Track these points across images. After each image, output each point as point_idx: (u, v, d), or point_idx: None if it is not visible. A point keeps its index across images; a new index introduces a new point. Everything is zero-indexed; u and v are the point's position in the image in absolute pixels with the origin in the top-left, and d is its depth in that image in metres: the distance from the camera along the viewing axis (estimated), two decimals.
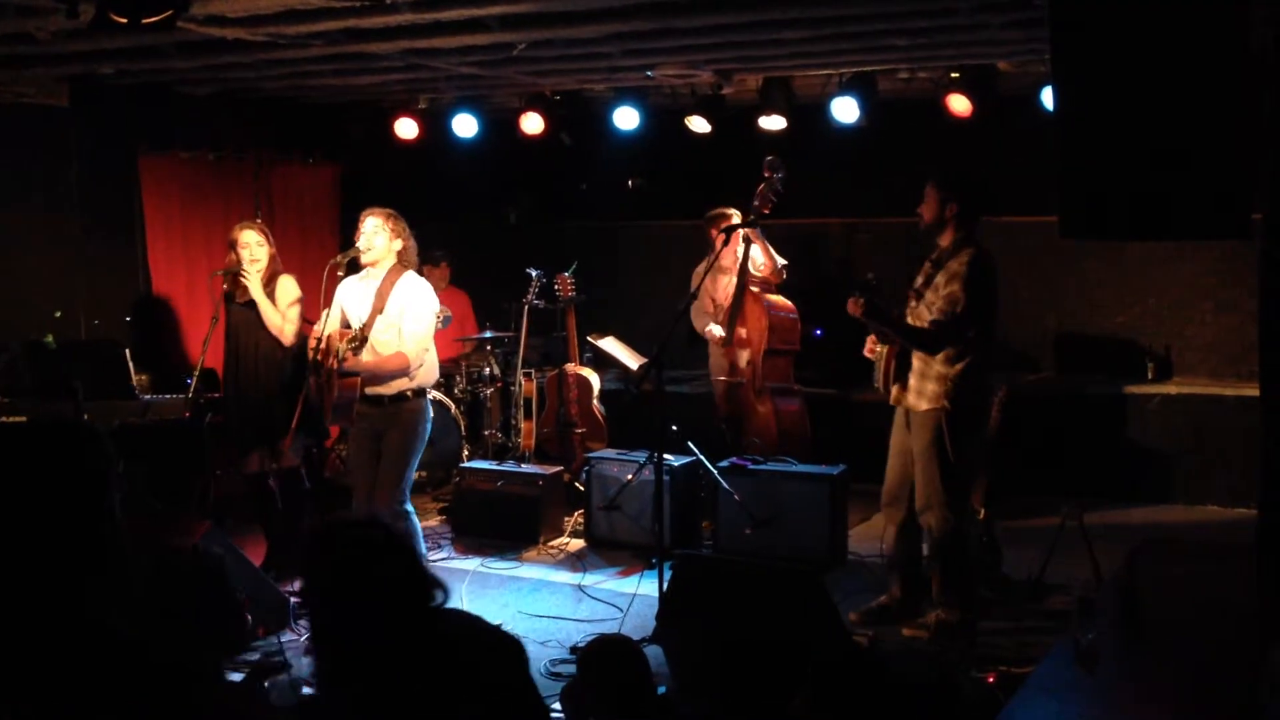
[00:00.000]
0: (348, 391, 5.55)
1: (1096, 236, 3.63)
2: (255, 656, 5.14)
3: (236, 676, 4.89)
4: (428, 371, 5.76)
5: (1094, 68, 3.15)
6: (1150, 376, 8.11)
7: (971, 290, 5.13)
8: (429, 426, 5.80)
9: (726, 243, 6.63)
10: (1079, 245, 7.87)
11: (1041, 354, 8.62)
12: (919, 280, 5.37)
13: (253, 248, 6.05)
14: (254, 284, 6.02)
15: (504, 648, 2.52)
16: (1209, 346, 8.13)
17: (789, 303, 7.11)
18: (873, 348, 5.53)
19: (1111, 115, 3.12)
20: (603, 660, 3.61)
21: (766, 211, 6.82)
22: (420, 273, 5.85)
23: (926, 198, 5.31)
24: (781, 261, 7.10)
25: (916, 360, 5.28)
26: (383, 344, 5.58)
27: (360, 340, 5.40)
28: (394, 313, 5.59)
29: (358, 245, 5.67)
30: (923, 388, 5.26)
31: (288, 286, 6.16)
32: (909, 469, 5.40)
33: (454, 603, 2.53)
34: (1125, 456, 7.85)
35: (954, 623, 5.27)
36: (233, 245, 6.11)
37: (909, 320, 5.34)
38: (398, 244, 5.67)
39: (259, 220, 6.79)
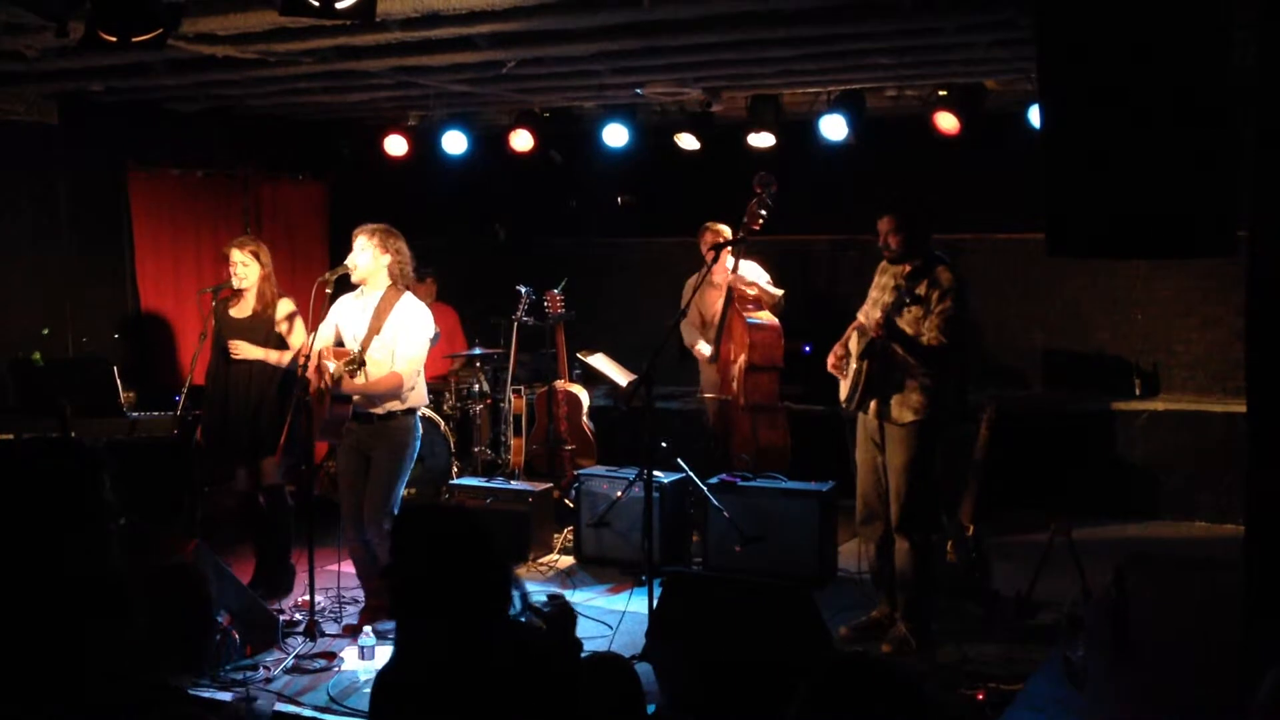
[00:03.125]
0: (340, 410, 5.54)
1: (1083, 254, 3.65)
2: (241, 675, 5.12)
3: (225, 696, 4.89)
4: (418, 394, 5.76)
5: (1080, 86, 3.18)
6: (1137, 393, 8.15)
7: (960, 305, 5.25)
8: (418, 445, 5.79)
9: (716, 259, 6.66)
10: (1066, 262, 7.91)
11: (1029, 370, 8.65)
12: (887, 297, 5.38)
13: (238, 266, 6.05)
14: (249, 350, 6.04)
15: (570, 675, 2.61)
16: (1195, 363, 8.17)
17: (774, 320, 7.11)
18: (837, 362, 5.55)
19: (1098, 133, 3.15)
20: (594, 678, 3.59)
21: (756, 228, 6.84)
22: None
23: (891, 229, 5.33)
24: (778, 291, 7.16)
25: (903, 374, 5.30)
26: (376, 364, 5.56)
27: (358, 364, 5.40)
28: (389, 334, 5.59)
29: (346, 263, 5.68)
30: (907, 399, 5.29)
31: (284, 306, 6.17)
32: (882, 484, 5.42)
33: None
34: (1113, 472, 7.88)
35: (914, 631, 5.36)
36: (226, 260, 6.12)
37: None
38: (386, 259, 5.65)
39: (251, 234, 6.75)
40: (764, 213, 6.81)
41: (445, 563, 2.47)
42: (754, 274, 7.20)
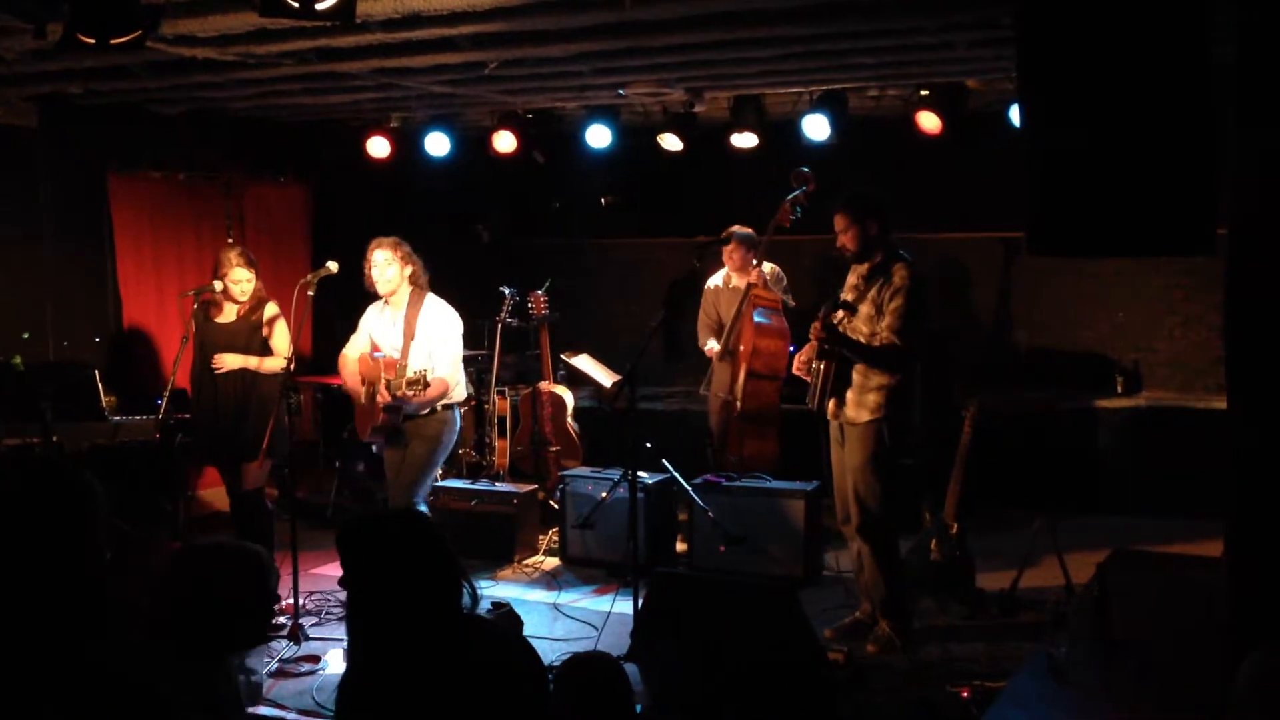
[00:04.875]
0: (392, 417, 5.83)
1: (1065, 253, 3.67)
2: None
3: None
4: (459, 389, 6.04)
5: (1060, 85, 3.19)
6: (1119, 390, 8.18)
7: (915, 303, 5.21)
8: (455, 437, 6.09)
9: (702, 256, 6.66)
10: (1048, 261, 7.94)
11: (1012, 368, 8.67)
12: (849, 295, 5.41)
13: (243, 284, 6.04)
14: (233, 361, 6.03)
15: (530, 662, 2.60)
16: (1176, 360, 8.21)
17: (784, 328, 7.06)
18: (804, 365, 5.55)
19: (1078, 132, 3.15)
20: (584, 678, 3.57)
21: (786, 225, 6.84)
22: None
23: (844, 228, 5.33)
24: (791, 301, 7.29)
25: (857, 374, 5.32)
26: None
27: (423, 384, 5.60)
28: (424, 338, 5.85)
29: (373, 279, 5.85)
30: (863, 399, 5.30)
31: (270, 309, 6.15)
32: None
33: None
34: (1096, 470, 7.90)
35: (897, 629, 5.36)
36: (221, 278, 6.02)
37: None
38: (409, 270, 5.91)
39: (243, 249, 6.69)
40: (796, 211, 6.75)
41: (393, 566, 2.48)
42: (773, 275, 7.25)
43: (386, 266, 5.85)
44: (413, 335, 5.87)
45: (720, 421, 7.25)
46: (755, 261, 7.10)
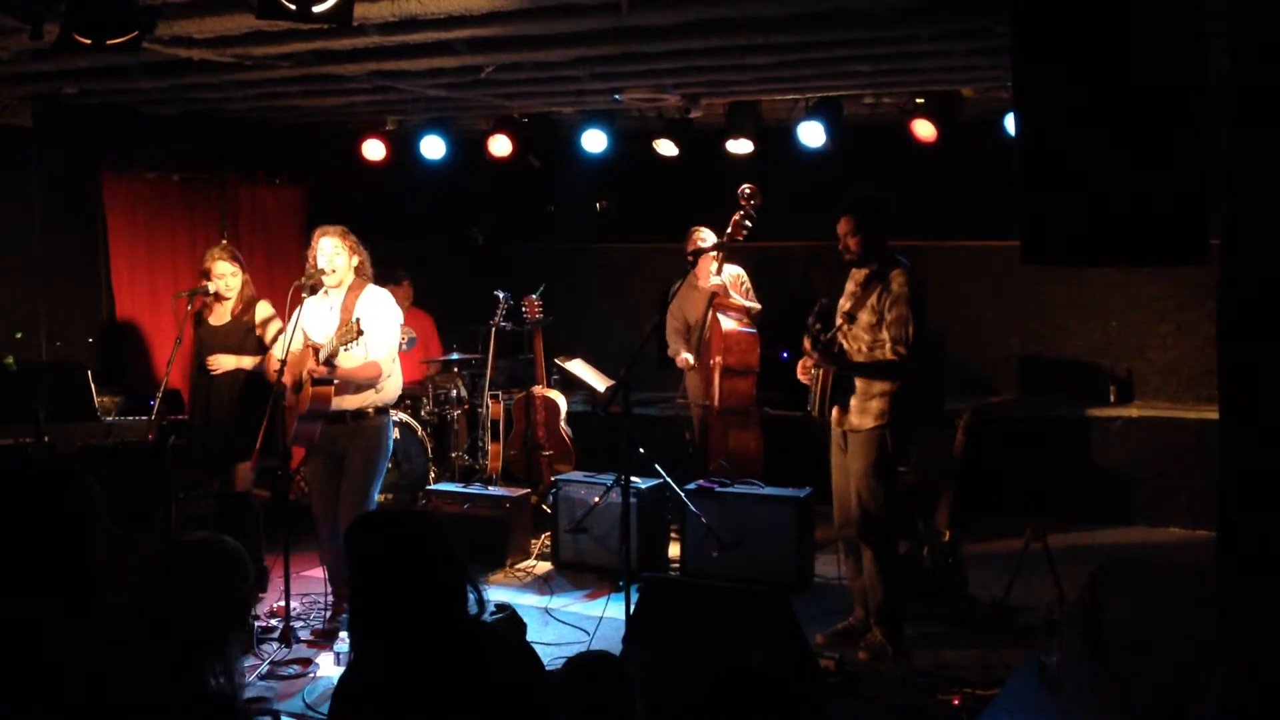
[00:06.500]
0: (320, 399, 5.48)
1: (1058, 262, 3.68)
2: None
3: None
4: (392, 388, 5.77)
5: (1055, 95, 3.20)
6: (1112, 399, 8.20)
7: (914, 310, 5.22)
8: (391, 445, 5.82)
9: (694, 264, 6.69)
10: (1041, 269, 7.96)
11: (1004, 377, 8.69)
12: (847, 304, 5.42)
13: (228, 278, 6.04)
14: (227, 362, 6.01)
15: (533, 668, 2.59)
16: (1169, 369, 8.23)
17: (751, 326, 7.16)
18: (807, 371, 5.56)
19: (1072, 142, 3.17)
20: (586, 679, 3.54)
21: (740, 238, 6.90)
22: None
23: (848, 231, 5.34)
24: (756, 305, 7.30)
25: (859, 381, 5.32)
26: (348, 357, 5.54)
27: (357, 331, 5.31)
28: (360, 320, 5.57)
29: (319, 267, 5.63)
30: (866, 406, 5.31)
31: (263, 309, 6.14)
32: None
33: None
34: (1088, 478, 7.93)
35: (889, 636, 5.36)
36: (206, 275, 6.05)
37: (844, 342, 5.39)
38: (355, 260, 5.71)
39: (226, 243, 6.70)
40: (748, 223, 6.87)
41: (402, 566, 2.47)
42: (736, 281, 7.27)
43: (335, 256, 5.61)
44: (348, 321, 5.50)
45: (701, 427, 7.28)
46: (716, 265, 7.16)
